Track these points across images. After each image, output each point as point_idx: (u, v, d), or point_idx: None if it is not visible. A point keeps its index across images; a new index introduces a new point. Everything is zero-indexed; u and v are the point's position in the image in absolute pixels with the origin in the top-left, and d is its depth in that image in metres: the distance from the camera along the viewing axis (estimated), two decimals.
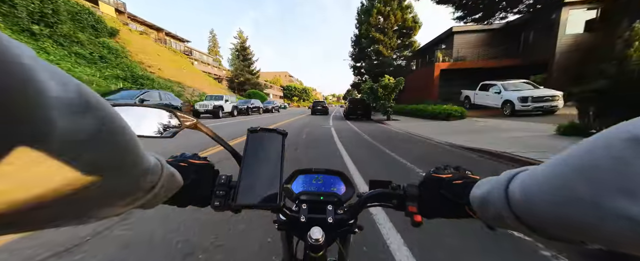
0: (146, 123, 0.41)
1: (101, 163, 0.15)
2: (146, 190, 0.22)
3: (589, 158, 0.15)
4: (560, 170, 0.17)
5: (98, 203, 0.17)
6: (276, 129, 0.41)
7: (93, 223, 0.19)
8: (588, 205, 0.15)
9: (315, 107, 20.38)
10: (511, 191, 0.22)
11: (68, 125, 0.12)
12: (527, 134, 5.84)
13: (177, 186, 0.29)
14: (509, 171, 0.24)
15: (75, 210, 0.16)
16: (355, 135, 7.71)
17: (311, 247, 0.36)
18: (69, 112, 0.13)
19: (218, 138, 0.44)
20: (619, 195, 0.13)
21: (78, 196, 0.14)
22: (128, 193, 0.20)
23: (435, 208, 0.36)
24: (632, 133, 0.14)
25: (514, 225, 0.22)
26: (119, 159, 0.17)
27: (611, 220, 0.14)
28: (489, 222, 0.27)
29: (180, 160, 0.38)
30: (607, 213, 0.14)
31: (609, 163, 0.14)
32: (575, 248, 0.19)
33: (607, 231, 0.14)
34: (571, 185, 0.16)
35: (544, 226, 0.19)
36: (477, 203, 0.27)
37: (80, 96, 0.14)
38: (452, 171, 0.37)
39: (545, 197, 0.18)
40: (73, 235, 1.64)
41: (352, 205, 0.42)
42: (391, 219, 1.91)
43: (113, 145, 0.16)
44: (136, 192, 0.21)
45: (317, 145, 5.69)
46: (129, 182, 0.19)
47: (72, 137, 0.13)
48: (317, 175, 0.48)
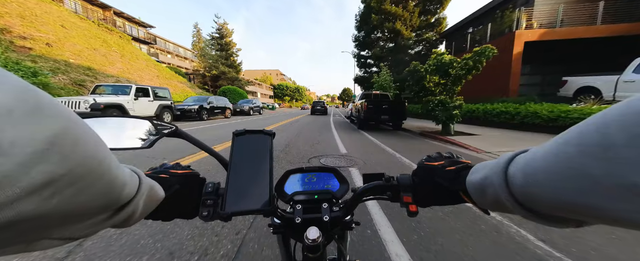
0: (121, 135, 0.39)
1: (61, 175, 0.13)
2: (119, 207, 0.20)
3: (601, 134, 0.15)
4: (566, 149, 0.17)
5: (59, 222, 0.16)
6: (263, 130, 0.41)
7: (55, 246, 0.17)
8: (601, 185, 0.14)
9: (315, 107, 21.39)
10: (511, 172, 0.21)
11: (12, 131, 0.11)
12: None
13: (157, 200, 0.28)
14: (506, 154, 0.23)
15: (31, 232, 0.14)
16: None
17: (309, 248, 0.36)
18: (13, 117, 0.11)
19: (201, 145, 0.43)
20: (638, 171, 0.13)
21: (33, 215, 0.13)
22: (96, 210, 0.18)
23: (430, 197, 0.36)
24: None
25: (513, 207, 0.21)
26: (83, 170, 0.15)
27: (629, 199, 0.13)
28: (486, 206, 0.27)
29: (160, 171, 0.35)
30: (624, 191, 0.13)
31: (624, 138, 0.13)
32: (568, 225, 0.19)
33: (622, 211, 0.14)
34: (580, 165, 0.15)
35: (543, 208, 0.19)
36: (473, 188, 0.27)
37: (25, 100, 0.12)
38: (444, 157, 0.37)
39: (548, 178, 0.17)
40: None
41: (347, 201, 0.42)
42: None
43: (75, 154, 0.14)
44: (106, 208, 0.19)
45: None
46: (97, 197, 0.17)
47: (19, 144, 0.11)
48: (310, 173, 0.47)
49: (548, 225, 0.21)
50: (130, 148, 0.39)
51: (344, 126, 10.47)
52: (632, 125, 0.13)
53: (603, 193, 0.14)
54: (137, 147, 0.40)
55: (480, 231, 1.66)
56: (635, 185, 0.13)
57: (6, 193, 0.11)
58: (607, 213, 0.15)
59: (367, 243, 1.54)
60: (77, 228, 0.18)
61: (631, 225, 0.14)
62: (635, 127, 0.13)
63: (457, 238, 1.57)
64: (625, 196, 0.13)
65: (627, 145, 0.13)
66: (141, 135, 0.41)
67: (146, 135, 0.41)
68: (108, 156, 0.18)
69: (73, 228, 0.18)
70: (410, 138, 6.50)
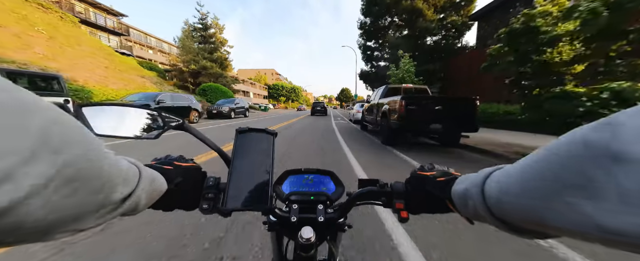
0: (124, 124, 0.39)
1: (50, 172, 0.13)
2: (121, 200, 0.21)
3: (554, 158, 0.17)
4: (530, 168, 0.18)
5: (64, 218, 0.16)
6: (265, 129, 0.41)
7: (65, 238, 0.17)
8: (552, 201, 0.16)
9: (315, 108, 21.34)
10: (487, 187, 0.23)
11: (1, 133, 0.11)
12: None
13: (160, 191, 0.29)
14: (485, 169, 0.25)
15: (38, 229, 0.14)
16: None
17: (302, 247, 0.36)
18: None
19: (206, 140, 0.44)
20: (577, 192, 0.15)
21: (34, 214, 0.13)
22: (98, 204, 0.18)
23: (421, 205, 0.38)
24: (586, 136, 0.15)
25: (489, 219, 0.23)
26: (73, 172, 0.15)
27: (568, 214, 0.15)
28: (468, 216, 0.28)
29: (165, 162, 0.36)
30: (565, 208, 0.15)
31: (567, 163, 0.15)
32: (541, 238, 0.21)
33: (566, 225, 0.15)
34: (539, 182, 0.17)
35: (516, 221, 0.21)
36: (457, 198, 0.29)
37: (5, 100, 0.12)
38: (436, 168, 0.38)
39: (517, 194, 0.19)
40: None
41: (342, 204, 0.42)
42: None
43: (63, 157, 0.14)
44: (108, 203, 0.19)
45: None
46: (95, 192, 0.17)
47: (5, 153, 0.11)
48: (308, 175, 0.48)
49: (516, 235, 0.22)
50: (136, 138, 0.39)
51: (355, 135, 7.30)
52: (575, 151, 0.15)
53: (554, 209, 0.16)
54: (143, 137, 0.40)
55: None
56: (574, 204, 0.15)
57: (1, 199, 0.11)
58: (560, 227, 0.16)
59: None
60: (83, 221, 0.18)
61: (580, 238, 0.16)
62: (577, 152, 0.15)
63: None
64: (567, 212, 0.15)
65: (570, 168, 0.15)
66: (147, 125, 0.41)
67: (152, 126, 0.41)
68: (101, 151, 0.17)
69: (78, 222, 0.18)
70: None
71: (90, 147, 0.16)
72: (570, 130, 0.17)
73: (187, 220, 1.69)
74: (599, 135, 0.14)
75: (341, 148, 4.86)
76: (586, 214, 0.14)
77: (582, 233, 0.15)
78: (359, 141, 6.03)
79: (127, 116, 0.41)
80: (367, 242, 1.51)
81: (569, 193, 0.15)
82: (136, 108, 0.42)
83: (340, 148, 4.86)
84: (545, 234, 0.20)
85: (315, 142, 5.61)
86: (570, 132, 0.17)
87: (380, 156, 4.19)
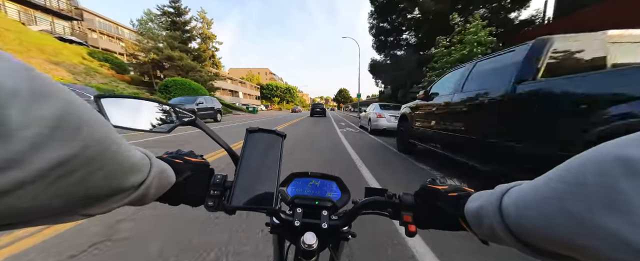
0: (139, 117, 0.40)
1: (69, 156, 0.13)
2: (131, 188, 0.21)
3: (579, 175, 0.16)
4: (553, 185, 0.17)
5: (73, 199, 0.16)
6: (275, 130, 0.41)
7: (72, 221, 0.18)
8: (577, 220, 0.15)
9: (314, 109, 21.12)
10: (505, 205, 0.21)
11: (21, 115, 0.11)
12: None
13: (169, 183, 0.29)
14: (502, 185, 0.23)
15: (47, 207, 0.14)
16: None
17: (303, 253, 0.36)
18: (21, 101, 0.11)
19: (216, 137, 0.44)
20: (606, 211, 0.14)
21: (44, 191, 0.13)
22: (110, 190, 0.19)
23: (430, 219, 0.36)
24: (620, 152, 0.14)
25: (508, 239, 0.21)
26: (92, 152, 0.15)
27: (598, 236, 0.14)
28: (483, 236, 0.26)
29: (176, 156, 0.36)
30: (595, 229, 0.14)
31: (597, 180, 0.14)
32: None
33: (595, 247, 0.14)
34: (562, 200, 0.16)
35: (537, 242, 0.19)
36: (470, 216, 0.27)
37: (31, 83, 0.12)
38: (448, 183, 0.37)
39: (538, 212, 0.18)
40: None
41: (347, 212, 0.42)
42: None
43: (82, 137, 0.14)
44: (119, 190, 0.19)
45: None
46: (108, 178, 0.17)
47: (27, 127, 0.11)
48: (314, 179, 0.47)
49: (541, 259, 0.20)
50: (148, 131, 0.40)
51: (389, 160, 4.15)
52: (604, 167, 0.14)
53: (581, 230, 0.15)
54: (155, 131, 0.40)
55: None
56: (602, 223, 0.14)
57: (15, 176, 0.11)
58: (588, 250, 0.15)
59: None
60: (92, 207, 0.18)
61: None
62: (607, 169, 0.14)
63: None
64: (602, 238, 0.14)
65: (598, 185, 0.14)
66: (160, 119, 0.41)
67: (165, 120, 0.41)
68: (116, 138, 0.18)
69: (89, 207, 0.18)
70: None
71: (105, 133, 0.16)
72: (595, 146, 0.16)
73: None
74: (636, 151, 0.14)
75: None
76: (621, 237, 0.13)
77: (616, 259, 0.14)
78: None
79: (141, 109, 0.41)
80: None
81: (599, 213, 0.14)
82: (150, 102, 0.42)
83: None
84: (574, 259, 0.18)
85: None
86: (595, 148, 0.16)
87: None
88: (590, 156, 0.16)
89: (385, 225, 1.58)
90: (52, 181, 0.13)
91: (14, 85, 0.11)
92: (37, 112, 0.12)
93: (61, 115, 0.13)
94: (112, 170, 0.17)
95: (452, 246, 1.42)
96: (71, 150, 0.14)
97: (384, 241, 1.46)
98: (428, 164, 3.52)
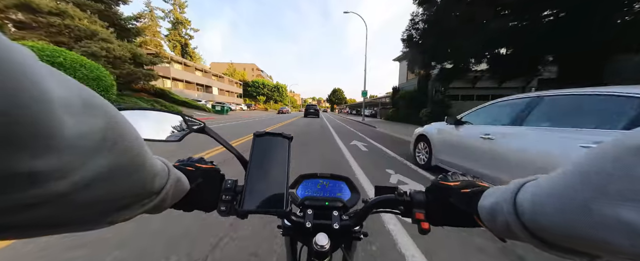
0: (153, 127, 0.41)
1: (108, 166, 0.14)
2: (153, 195, 0.22)
3: (597, 167, 0.15)
4: (570, 179, 0.17)
5: (103, 207, 0.17)
6: (282, 133, 0.42)
7: (98, 229, 0.19)
8: (596, 214, 0.14)
9: (309, 110, 22.50)
10: (520, 201, 0.21)
11: (75, 126, 0.12)
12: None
13: (184, 190, 0.30)
14: (517, 180, 0.23)
15: (80, 215, 0.15)
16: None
17: (316, 254, 0.36)
18: (74, 113, 0.12)
19: (225, 143, 0.44)
20: (627, 204, 0.13)
21: (82, 200, 0.14)
22: (135, 197, 0.19)
23: (443, 216, 0.35)
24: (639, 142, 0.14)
25: (524, 236, 0.21)
26: (125, 162, 0.16)
27: (619, 230, 0.14)
28: (498, 233, 0.26)
29: (187, 164, 0.37)
30: (615, 223, 0.14)
31: (617, 172, 0.14)
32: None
33: (616, 243, 0.14)
34: (580, 194, 0.15)
35: (555, 239, 0.19)
36: (485, 213, 0.26)
37: (82, 97, 0.13)
38: (460, 178, 0.35)
39: (554, 207, 0.17)
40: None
41: (358, 211, 0.41)
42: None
43: (120, 147, 0.15)
44: (143, 196, 0.20)
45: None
46: (136, 186, 0.19)
47: (79, 138, 0.12)
48: (323, 180, 0.48)
49: (560, 256, 0.20)
50: (162, 141, 0.41)
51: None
52: (624, 158, 0.14)
53: (602, 225, 0.14)
54: (168, 140, 0.41)
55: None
56: (623, 217, 0.13)
57: (63, 185, 0.12)
58: (610, 247, 0.14)
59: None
60: (116, 214, 0.19)
61: (634, 258, 0.14)
62: (627, 160, 0.13)
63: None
64: (622, 231, 0.13)
65: (618, 177, 0.14)
66: (172, 128, 0.42)
67: (177, 129, 0.42)
68: (144, 148, 0.18)
69: (113, 214, 0.18)
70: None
71: (138, 142, 0.17)
72: (614, 138, 0.15)
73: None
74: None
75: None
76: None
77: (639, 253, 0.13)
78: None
79: (152, 119, 0.42)
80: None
81: (620, 207, 0.13)
82: (160, 111, 0.43)
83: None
84: (594, 255, 0.18)
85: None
86: (614, 139, 0.15)
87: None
88: (609, 148, 0.15)
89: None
90: (92, 189, 0.14)
91: (67, 95, 0.12)
92: (88, 124, 0.13)
93: (106, 127, 0.14)
94: (140, 178, 0.18)
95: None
96: (111, 160, 0.14)
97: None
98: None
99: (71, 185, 0.12)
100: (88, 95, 0.14)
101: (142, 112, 0.41)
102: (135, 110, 0.40)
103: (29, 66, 0.10)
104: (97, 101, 0.14)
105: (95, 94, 0.14)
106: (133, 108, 0.40)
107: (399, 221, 1.76)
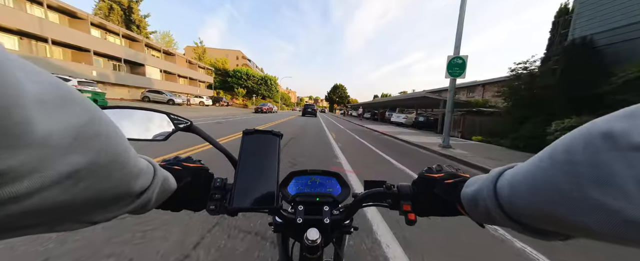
0: (139, 126, 0.40)
1: (85, 164, 0.14)
2: (136, 195, 0.21)
3: (568, 152, 0.16)
4: (544, 164, 0.18)
5: (81, 207, 0.16)
6: (271, 130, 0.41)
7: (78, 229, 0.18)
8: (567, 196, 0.15)
9: (306, 110, 23.89)
10: (499, 187, 0.22)
11: (46, 122, 0.11)
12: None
13: (170, 190, 0.29)
14: (497, 168, 0.24)
15: (54, 214, 0.15)
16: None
17: (308, 248, 0.37)
18: (47, 108, 0.11)
19: (213, 141, 0.44)
20: (595, 186, 0.14)
21: (54, 199, 0.13)
22: (117, 197, 0.19)
23: (428, 207, 0.37)
24: (606, 127, 0.14)
25: (502, 220, 0.22)
26: (104, 161, 0.15)
27: (589, 211, 0.14)
28: (478, 219, 0.28)
29: (174, 163, 0.36)
30: (585, 204, 0.14)
31: (585, 157, 0.15)
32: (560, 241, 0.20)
33: (587, 223, 0.15)
34: (553, 179, 0.16)
35: (530, 221, 0.20)
36: (467, 201, 0.28)
37: (57, 91, 0.12)
38: (444, 170, 0.37)
39: (530, 192, 0.18)
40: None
41: (348, 206, 0.42)
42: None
43: (98, 145, 0.14)
44: (125, 196, 0.20)
45: None
46: (117, 186, 0.18)
47: (52, 134, 0.12)
48: (313, 176, 0.48)
49: (534, 237, 0.21)
50: (148, 140, 0.40)
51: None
52: (592, 143, 0.15)
53: (572, 206, 0.15)
54: (153, 139, 0.41)
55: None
56: (592, 199, 0.14)
57: (33, 183, 0.11)
58: (579, 225, 0.15)
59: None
60: (97, 214, 0.18)
61: (602, 237, 0.15)
62: (594, 145, 0.14)
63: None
64: (588, 210, 0.14)
65: (586, 162, 0.15)
66: (158, 128, 0.41)
67: (163, 129, 0.42)
68: (127, 147, 0.18)
69: (94, 214, 0.18)
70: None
71: (119, 141, 0.17)
72: (584, 124, 0.16)
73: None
74: (620, 125, 0.14)
75: None
76: (610, 210, 0.13)
77: (606, 231, 0.14)
78: None
79: (138, 118, 0.41)
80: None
81: (589, 189, 0.14)
82: (145, 110, 0.42)
83: None
84: (565, 235, 0.19)
85: None
86: (583, 125, 0.16)
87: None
88: (578, 134, 0.16)
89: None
90: (66, 187, 0.13)
91: (40, 91, 0.11)
92: (61, 120, 0.12)
93: (82, 124, 0.13)
94: (121, 177, 0.18)
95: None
96: (88, 157, 0.14)
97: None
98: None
99: (44, 181, 0.12)
100: (64, 90, 0.13)
101: (128, 111, 0.40)
102: (121, 109, 0.39)
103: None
104: (75, 97, 0.13)
105: (73, 90, 0.14)
106: (119, 107, 0.39)
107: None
